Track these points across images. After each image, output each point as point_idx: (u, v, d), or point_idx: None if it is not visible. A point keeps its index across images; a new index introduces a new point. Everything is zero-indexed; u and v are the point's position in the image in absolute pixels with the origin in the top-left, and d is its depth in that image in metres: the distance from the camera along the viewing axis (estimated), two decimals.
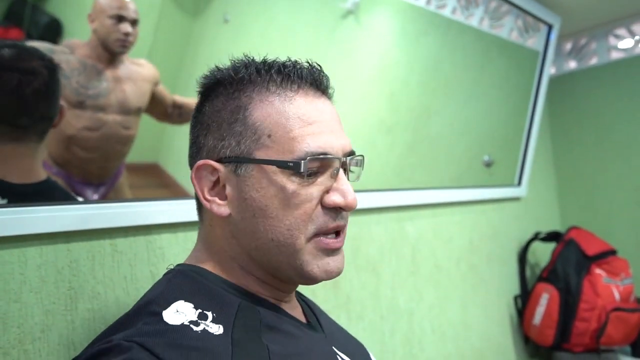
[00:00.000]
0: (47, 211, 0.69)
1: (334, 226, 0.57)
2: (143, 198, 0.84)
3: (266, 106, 0.56)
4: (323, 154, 0.55)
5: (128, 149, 0.87)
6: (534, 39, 1.80)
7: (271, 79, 0.57)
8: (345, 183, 0.57)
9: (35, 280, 0.69)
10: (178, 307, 0.52)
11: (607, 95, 2.02)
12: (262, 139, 0.55)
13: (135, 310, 0.54)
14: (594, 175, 2.07)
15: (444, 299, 1.44)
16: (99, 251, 0.76)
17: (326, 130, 0.57)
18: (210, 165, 0.57)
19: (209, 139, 0.58)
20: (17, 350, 0.66)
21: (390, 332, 1.25)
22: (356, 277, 1.20)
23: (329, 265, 0.57)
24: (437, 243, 1.45)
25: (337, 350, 0.62)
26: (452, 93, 1.55)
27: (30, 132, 0.73)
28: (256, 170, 0.55)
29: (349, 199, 0.56)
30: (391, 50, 1.36)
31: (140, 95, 0.86)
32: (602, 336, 1.55)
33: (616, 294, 1.60)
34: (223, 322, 0.52)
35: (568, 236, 1.72)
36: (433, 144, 1.49)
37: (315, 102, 0.58)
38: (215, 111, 0.58)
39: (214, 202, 0.57)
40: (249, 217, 0.56)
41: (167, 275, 0.59)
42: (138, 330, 0.49)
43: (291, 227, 0.55)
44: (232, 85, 0.58)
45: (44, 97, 0.74)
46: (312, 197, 0.55)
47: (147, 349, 0.46)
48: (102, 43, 0.81)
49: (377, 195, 1.25)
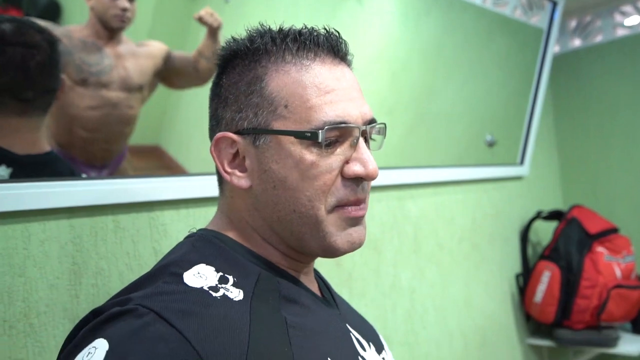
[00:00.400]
0: (49, 187, 0.70)
1: (354, 199, 0.56)
2: (145, 175, 0.84)
3: (282, 76, 0.55)
4: (342, 123, 0.54)
5: (130, 130, 0.87)
6: (538, 17, 1.77)
7: (287, 47, 0.56)
8: (366, 152, 0.56)
9: (39, 256, 0.70)
10: (200, 269, 0.52)
11: (612, 74, 2.00)
12: (279, 110, 0.55)
13: (157, 269, 0.54)
14: (597, 154, 2.06)
15: (446, 277, 1.45)
16: (101, 227, 0.77)
17: (345, 98, 0.55)
18: (229, 137, 0.57)
19: (226, 112, 0.58)
20: (22, 324, 0.67)
21: (392, 309, 1.27)
22: (358, 255, 1.20)
23: (352, 237, 0.56)
24: (439, 221, 1.46)
25: (351, 328, 0.62)
26: (454, 72, 1.53)
27: (34, 105, 0.74)
28: (274, 142, 0.55)
29: (369, 168, 0.55)
30: (392, 30, 1.35)
31: (141, 73, 0.86)
32: (602, 313, 1.57)
33: (617, 271, 1.61)
34: (243, 287, 0.52)
35: (570, 215, 1.72)
36: (435, 124, 1.49)
37: (333, 69, 0.57)
38: (233, 83, 0.58)
39: (234, 174, 0.57)
40: (269, 188, 0.55)
41: (189, 239, 0.59)
42: (157, 289, 0.49)
43: (311, 198, 0.54)
44: (247, 56, 0.57)
45: (47, 69, 0.74)
46: (332, 167, 0.54)
47: (164, 318, 0.45)
48: (100, 20, 0.81)
49: None
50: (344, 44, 0.59)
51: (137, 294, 0.49)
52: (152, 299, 0.48)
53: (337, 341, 0.57)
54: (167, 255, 0.57)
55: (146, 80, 0.87)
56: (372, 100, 1.41)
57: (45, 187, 0.69)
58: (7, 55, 0.69)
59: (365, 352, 0.61)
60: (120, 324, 0.46)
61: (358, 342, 0.61)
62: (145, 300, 0.48)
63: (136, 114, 0.87)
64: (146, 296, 0.48)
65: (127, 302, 0.48)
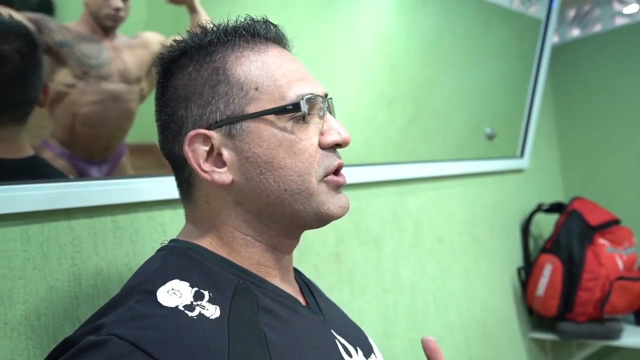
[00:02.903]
0: (47, 188, 0.70)
1: (336, 164, 0.58)
2: (143, 175, 0.84)
3: (244, 61, 0.56)
4: (311, 94, 0.56)
5: (129, 124, 0.87)
6: (536, 7, 1.76)
7: (240, 35, 0.57)
8: (335, 121, 0.59)
9: (38, 257, 0.70)
10: (173, 285, 0.51)
11: (611, 63, 1.99)
12: (251, 93, 0.55)
13: (130, 288, 0.52)
14: (598, 145, 2.06)
15: (447, 271, 1.45)
16: (100, 228, 0.77)
17: (304, 76, 0.58)
18: (202, 133, 0.55)
19: (192, 110, 0.56)
20: (23, 326, 0.67)
21: (393, 305, 1.27)
22: (358, 251, 1.20)
23: (341, 201, 0.59)
24: (439, 216, 1.45)
25: (336, 333, 0.61)
26: (453, 64, 1.53)
27: (7, 117, 0.70)
28: (252, 126, 0.55)
29: (343, 134, 0.58)
30: (390, 22, 1.34)
31: (139, 64, 0.87)
32: (605, 305, 1.56)
33: (620, 263, 1.61)
34: (220, 303, 0.51)
35: (571, 207, 1.72)
36: (434, 117, 1.48)
37: (285, 53, 0.60)
38: (190, 81, 0.56)
39: (213, 171, 0.55)
40: (255, 175, 0.55)
41: (161, 252, 0.58)
42: (130, 313, 0.47)
43: (301, 172, 0.55)
44: (200, 52, 0.57)
45: (16, 82, 0.70)
46: (312, 139, 0.56)
47: (141, 348, 0.44)
48: (93, 17, 0.81)
49: (376, 169, 1.25)
50: (285, 35, 0.62)
51: (110, 318, 0.47)
52: (126, 325, 0.46)
53: (319, 350, 0.56)
54: (139, 270, 0.56)
55: (144, 71, 0.88)
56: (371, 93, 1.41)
57: (43, 188, 0.69)
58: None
59: (352, 357, 0.60)
60: (93, 355, 0.43)
61: (344, 348, 0.60)
62: (118, 327, 0.45)
63: (135, 108, 0.87)
64: (119, 321, 0.46)
65: (99, 329, 0.46)
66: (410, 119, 1.41)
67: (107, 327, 0.46)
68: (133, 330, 0.45)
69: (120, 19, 0.82)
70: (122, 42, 0.85)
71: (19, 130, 0.72)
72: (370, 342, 0.71)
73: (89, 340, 0.45)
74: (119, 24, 0.83)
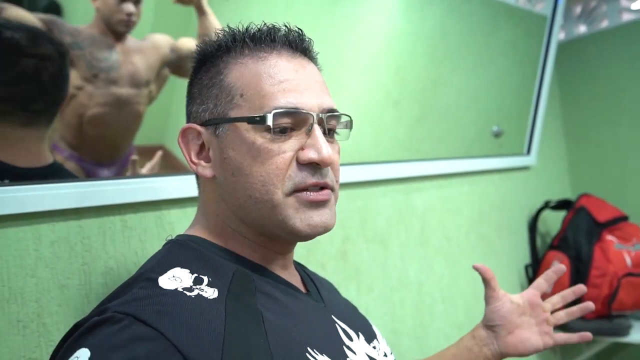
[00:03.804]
0: (57, 188, 0.71)
1: (312, 182, 0.56)
2: (152, 175, 0.85)
3: (240, 67, 0.58)
4: (293, 109, 0.56)
5: (137, 126, 0.88)
6: (542, 4, 1.76)
7: (245, 43, 0.59)
8: (321, 139, 0.56)
9: (49, 257, 0.71)
10: (174, 273, 0.54)
11: (618, 59, 1.98)
12: (235, 99, 0.58)
13: (134, 277, 0.55)
14: (605, 142, 2.04)
15: (454, 269, 1.45)
16: (109, 227, 0.78)
17: (300, 87, 0.57)
18: (194, 128, 0.60)
19: (193, 106, 0.62)
20: (36, 324, 0.69)
21: (400, 302, 1.27)
22: (365, 249, 1.21)
23: (312, 220, 0.56)
24: (446, 214, 1.46)
25: (337, 319, 0.63)
26: (459, 63, 1.52)
27: (42, 117, 0.74)
28: (232, 130, 0.57)
29: (323, 153, 0.55)
30: (395, 22, 1.34)
31: (149, 67, 0.88)
32: (614, 302, 1.56)
33: (628, 259, 1.60)
34: (218, 286, 0.54)
35: (578, 204, 1.71)
36: (441, 116, 1.48)
37: (291, 61, 0.59)
38: (199, 80, 0.62)
39: (200, 164, 0.60)
40: (229, 176, 0.58)
41: (165, 246, 0.61)
42: (132, 295, 0.50)
43: (265, 182, 0.56)
44: (213, 55, 0.61)
45: (59, 81, 0.75)
46: (285, 153, 0.56)
47: (141, 319, 0.47)
48: (105, 22, 0.82)
49: (382, 167, 1.25)
50: (306, 40, 0.62)
51: (114, 302, 0.51)
52: (128, 305, 0.49)
53: (318, 331, 0.58)
54: (145, 263, 0.59)
55: (154, 74, 0.88)
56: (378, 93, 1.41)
57: (53, 189, 0.70)
58: (20, 66, 0.69)
59: (352, 341, 0.62)
60: (99, 332, 0.47)
61: (344, 332, 0.62)
62: (121, 307, 0.49)
63: (143, 110, 0.88)
64: (122, 303, 0.50)
65: (104, 312, 0.49)
66: (416, 119, 1.41)
67: (110, 308, 0.49)
68: (134, 307, 0.49)
69: (132, 24, 0.83)
70: (132, 44, 0.86)
71: (46, 131, 0.75)
72: (373, 329, 0.72)
73: (94, 320, 0.48)
74: (131, 29, 0.84)
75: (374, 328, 0.73)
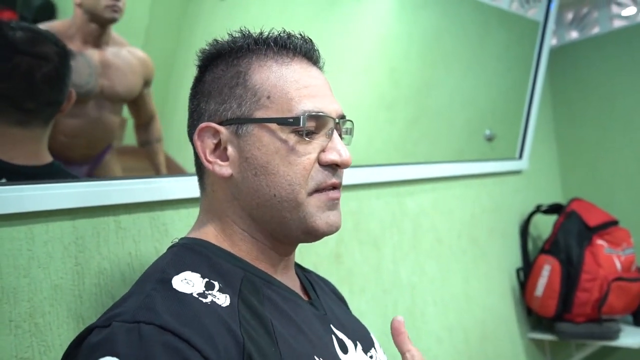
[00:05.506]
0: (51, 188, 0.71)
1: (332, 182, 0.60)
2: (145, 175, 0.85)
3: (265, 70, 0.60)
4: (320, 113, 0.59)
5: (113, 135, 0.87)
6: (535, 10, 1.78)
7: (269, 47, 0.61)
8: (340, 142, 0.61)
9: (42, 257, 0.71)
10: (186, 276, 0.54)
11: (609, 65, 2.00)
12: (262, 100, 0.59)
13: (144, 277, 0.56)
14: (596, 147, 2.07)
15: (446, 272, 1.46)
16: (103, 228, 0.78)
17: (320, 93, 0.61)
18: (213, 127, 0.60)
19: (210, 105, 0.61)
20: (28, 324, 0.68)
21: (393, 305, 1.28)
22: (358, 251, 1.21)
23: (330, 219, 0.60)
24: (438, 217, 1.46)
25: (335, 329, 0.64)
26: (453, 66, 1.54)
27: (36, 117, 0.74)
28: (257, 130, 0.59)
29: (344, 156, 0.60)
30: (390, 24, 1.35)
31: (128, 89, 0.85)
32: (603, 306, 1.57)
33: (618, 263, 1.62)
34: (229, 293, 0.55)
35: (569, 208, 1.73)
36: (434, 119, 1.49)
37: (309, 69, 0.62)
38: (216, 78, 0.61)
39: (216, 163, 0.60)
40: (250, 175, 0.59)
41: (171, 249, 0.61)
42: (151, 300, 0.50)
43: (292, 182, 0.58)
44: (231, 55, 0.61)
45: (54, 82, 0.74)
46: (310, 154, 0.59)
47: (167, 329, 0.47)
48: (90, 15, 0.79)
49: (376, 170, 1.26)
50: (317, 51, 0.65)
51: (131, 304, 0.50)
52: (150, 311, 0.49)
53: (319, 341, 0.59)
54: (151, 265, 0.59)
55: (132, 95, 0.86)
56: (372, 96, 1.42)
57: (47, 189, 0.70)
58: (12, 62, 0.69)
59: (347, 354, 0.62)
60: (123, 340, 0.47)
61: (339, 344, 0.63)
62: (141, 312, 0.49)
63: (118, 121, 0.86)
64: (142, 308, 0.49)
65: (120, 315, 0.49)
66: (410, 121, 1.42)
67: (129, 312, 0.49)
68: (157, 315, 0.48)
69: (119, 9, 0.80)
70: (114, 57, 0.83)
71: (44, 132, 0.75)
72: (372, 338, 0.72)
73: (115, 326, 0.48)
74: (119, 16, 0.81)
75: (373, 337, 0.73)
